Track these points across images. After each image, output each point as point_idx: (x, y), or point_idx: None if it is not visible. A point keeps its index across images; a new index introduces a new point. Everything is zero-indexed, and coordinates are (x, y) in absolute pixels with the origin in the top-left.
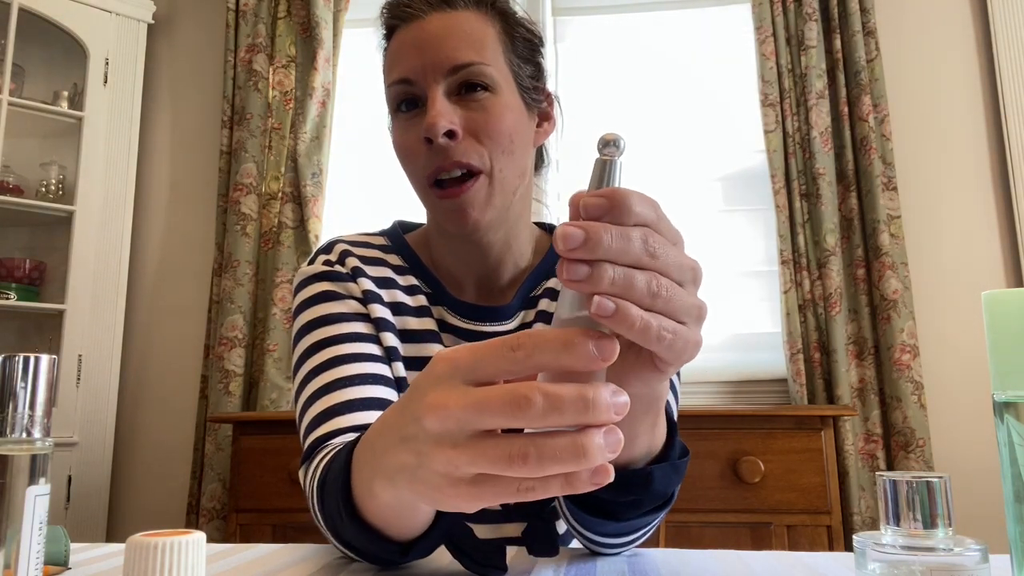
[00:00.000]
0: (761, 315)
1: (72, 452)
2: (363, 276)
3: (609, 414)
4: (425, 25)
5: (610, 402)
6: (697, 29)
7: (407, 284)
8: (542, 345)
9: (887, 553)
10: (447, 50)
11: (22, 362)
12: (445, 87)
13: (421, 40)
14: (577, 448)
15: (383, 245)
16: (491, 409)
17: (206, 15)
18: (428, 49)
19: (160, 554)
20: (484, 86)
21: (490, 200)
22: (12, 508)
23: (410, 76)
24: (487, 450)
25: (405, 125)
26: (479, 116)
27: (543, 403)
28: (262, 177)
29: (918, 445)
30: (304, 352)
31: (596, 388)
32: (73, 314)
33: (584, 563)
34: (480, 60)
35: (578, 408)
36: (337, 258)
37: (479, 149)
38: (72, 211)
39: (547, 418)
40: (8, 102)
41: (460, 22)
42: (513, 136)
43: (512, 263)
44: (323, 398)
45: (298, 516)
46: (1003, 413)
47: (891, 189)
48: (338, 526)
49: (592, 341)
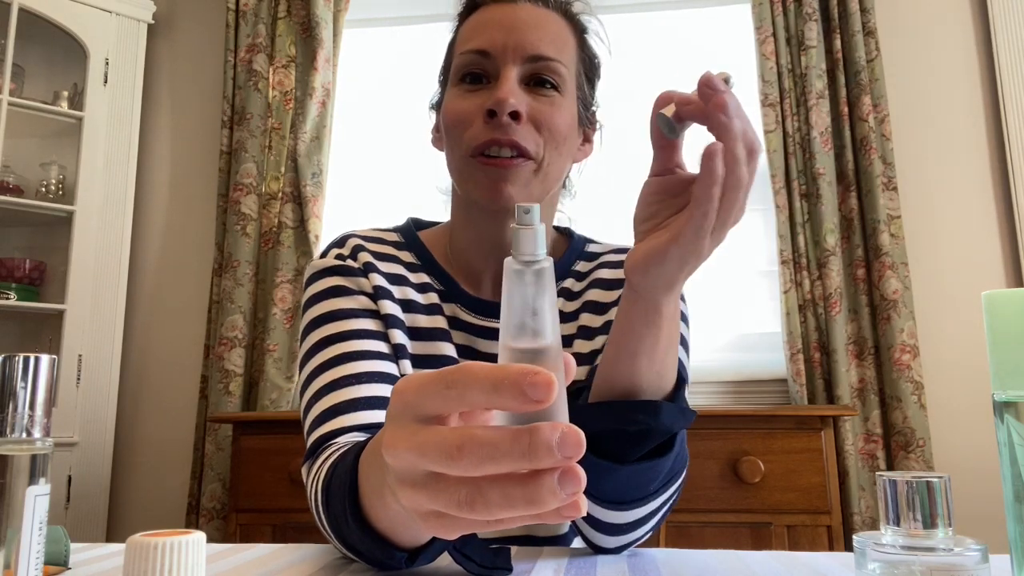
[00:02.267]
0: (761, 315)
1: (72, 452)
2: (375, 272)
3: (552, 457)
4: (516, 9)
5: (553, 444)
6: (697, 29)
7: (419, 282)
8: (472, 384)
9: (887, 553)
10: (533, 38)
11: (22, 362)
12: (520, 72)
13: (510, 21)
14: (527, 494)
15: (396, 242)
16: (428, 456)
17: (206, 15)
18: (515, 31)
19: (160, 554)
20: (554, 84)
21: (530, 184)
22: (12, 508)
23: (489, 49)
24: (439, 494)
25: (465, 94)
26: (544, 108)
27: (476, 453)
28: (262, 177)
29: (918, 445)
30: (312, 347)
31: (536, 431)
32: (73, 314)
33: (584, 562)
34: (559, 58)
35: (514, 455)
36: (349, 252)
37: (536, 137)
38: (72, 211)
39: (483, 467)
40: (8, 102)
41: (550, 20)
42: (567, 137)
43: None
44: (329, 395)
45: (298, 516)
46: (1003, 413)
47: (891, 189)
48: (343, 530)
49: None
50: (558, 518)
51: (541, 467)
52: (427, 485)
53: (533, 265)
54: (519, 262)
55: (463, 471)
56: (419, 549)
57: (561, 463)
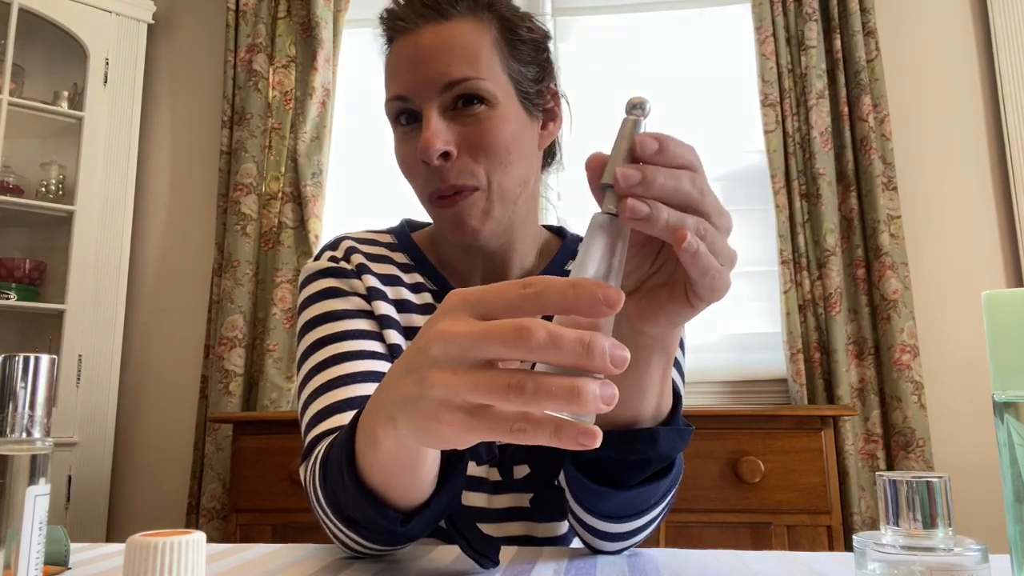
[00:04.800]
0: (761, 315)
1: (72, 452)
2: (368, 273)
3: (605, 360)
4: (419, 39)
5: (608, 350)
6: (697, 29)
7: (412, 282)
8: (552, 284)
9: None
10: (440, 66)
11: (22, 362)
12: (440, 104)
13: (415, 56)
14: (572, 389)
15: (390, 243)
16: (494, 336)
17: (206, 15)
18: (421, 65)
19: (160, 554)
20: (480, 99)
21: (489, 212)
22: (12, 508)
23: (405, 93)
24: (487, 378)
25: (404, 138)
26: (474, 131)
27: (544, 337)
28: (262, 177)
29: (918, 445)
30: (307, 348)
31: (596, 335)
32: (73, 314)
33: (584, 563)
34: (474, 75)
35: (576, 349)
36: (343, 255)
37: (474, 168)
38: (72, 211)
39: (545, 352)
40: (8, 102)
41: (454, 35)
42: (511, 148)
43: (518, 264)
44: (324, 395)
45: (298, 516)
46: (1003, 413)
47: (891, 189)
48: (340, 496)
49: (600, 289)
50: (574, 444)
51: (594, 366)
52: (472, 372)
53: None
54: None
55: (528, 353)
56: (414, 512)
57: (608, 371)
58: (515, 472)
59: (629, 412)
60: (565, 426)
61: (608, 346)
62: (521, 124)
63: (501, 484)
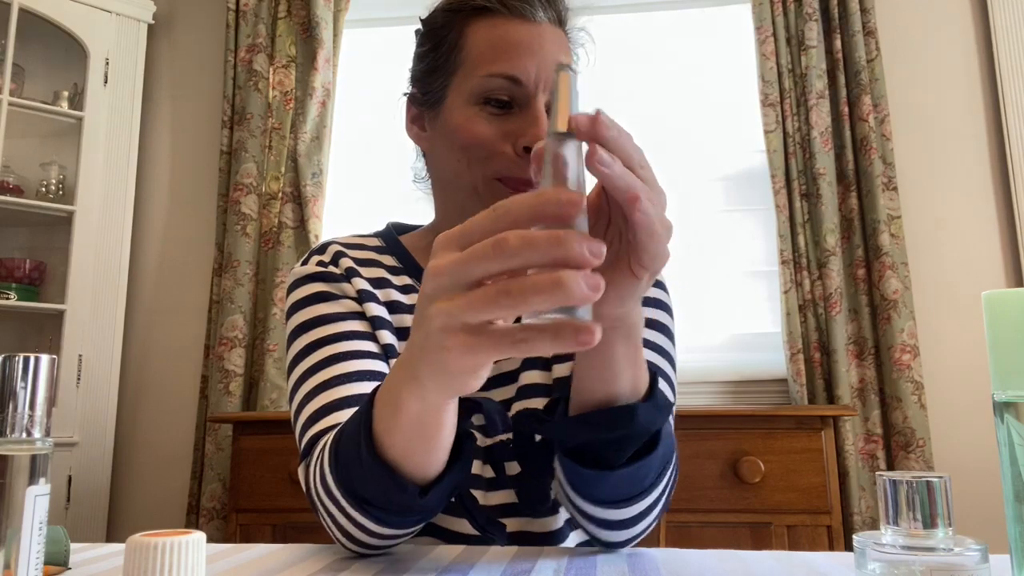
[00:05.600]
0: (761, 315)
1: (72, 452)
2: (357, 276)
3: (582, 250)
4: (542, 31)
5: (582, 241)
6: (697, 29)
7: (402, 284)
8: (516, 199)
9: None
10: None
11: (22, 362)
12: (543, 101)
13: (537, 45)
14: (556, 280)
15: (377, 247)
16: (476, 256)
17: (206, 15)
18: (544, 57)
19: (160, 554)
20: None
21: None
22: (12, 508)
23: (521, 78)
24: (477, 293)
25: (490, 119)
26: None
27: (519, 242)
28: (262, 177)
29: (918, 445)
30: (299, 352)
31: (568, 231)
32: (73, 314)
33: (584, 563)
34: None
35: (552, 244)
36: (331, 259)
37: None
38: (72, 211)
39: (522, 253)
40: (8, 102)
41: (564, 42)
42: None
43: None
44: (321, 395)
45: (298, 516)
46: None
47: (891, 189)
48: (354, 475)
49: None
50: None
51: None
52: (464, 294)
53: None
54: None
55: (505, 261)
56: (430, 485)
57: (586, 261)
58: (507, 469)
59: (603, 393)
60: (562, 327)
61: (580, 238)
62: None
63: (495, 481)
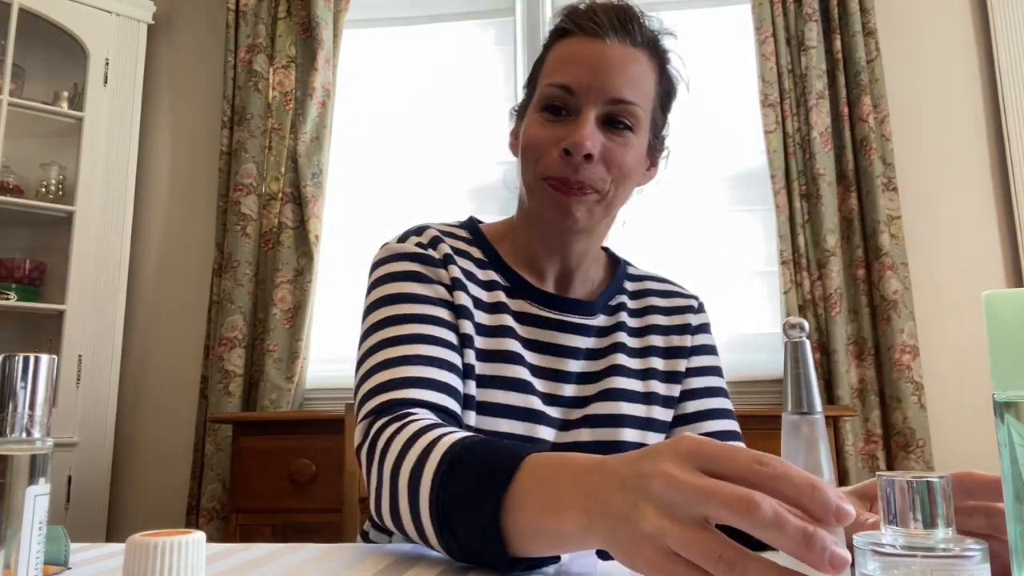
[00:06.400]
0: (761, 315)
1: (72, 452)
2: (453, 264)
3: (823, 558)
4: (606, 49)
5: (829, 547)
6: (697, 29)
7: (486, 279)
8: (790, 474)
9: (887, 553)
10: (616, 81)
11: (22, 362)
12: (598, 112)
13: (598, 61)
14: None
15: (466, 237)
16: (719, 499)
17: (206, 15)
18: (601, 72)
19: (160, 554)
20: (628, 126)
21: (593, 213)
22: (12, 508)
23: (574, 87)
24: (703, 540)
25: (544, 123)
26: (617, 149)
27: (771, 516)
28: (262, 177)
29: (918, 445)
30: (385, 320)
31: (819, 531)
32: (73, 314)
33: (584, 563)
34: (638, 102)
35: (798, 538)
36: (429, 242)
37: (604, 174)
38: (72, 211)
39: (768, 531)
40: (8, 102)
41: (634, 60)
42: (633, 173)
43: (584, 271)
44: (402, 367)
45: (298, 516)
46: (1003, 413)
47: (891, 189)
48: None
49: (838, 502)
50: None
51: (809, 561)
52: (687, 526)
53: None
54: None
55: (746, 525)
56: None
57: (825, 570)
58: None
59: None
60: None
61: (830, 543)
62: (642, 158)
63: None
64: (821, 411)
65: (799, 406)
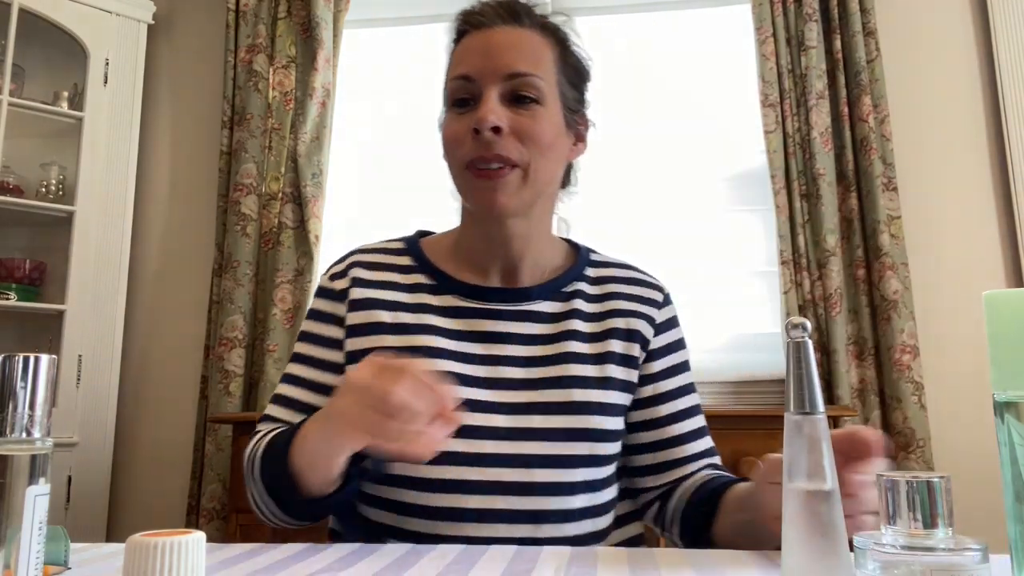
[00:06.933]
0: (762, 315)
1: (72, 452)
2: (360, 286)
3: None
4: (493, 34)
5: None
6: (697, 29)
7: (410, 283)
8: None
9: (887, 553)
10: (508, 58)
11: (22, 362)
12: (500, 90)
13: (487, 46)
14: None
15: (397, 249)
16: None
17: (206, 15)
18: (492, 54)
19: (160, 554)
20: (533, 99)
21: (520, 191)
22: (12, 508)
23: (471, 74)
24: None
25: (456, 118)
26: (526, 121)
27: (398, 400)
28: (262, 177)
29: (918, 445)
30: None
31: None
32: (73, 314)
33: (584, 562)
34: (534, 72)
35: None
36: (342, 270)
37: (519, 147)
38: (72, 211)
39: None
40: (8, 102)
41: (524, 38)
42: (552, 146)
43: (532, 259)
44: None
45: None
46: (1003, 413)
47: (891, 189)
48: (271, 472)
49: None
50: None
51: None
52: None
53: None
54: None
55: (386, 408)
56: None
57: None
58: None
59: None
60: None
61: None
62: (560, 130)
63: None
64: (823, 411)
65: (801, 406)
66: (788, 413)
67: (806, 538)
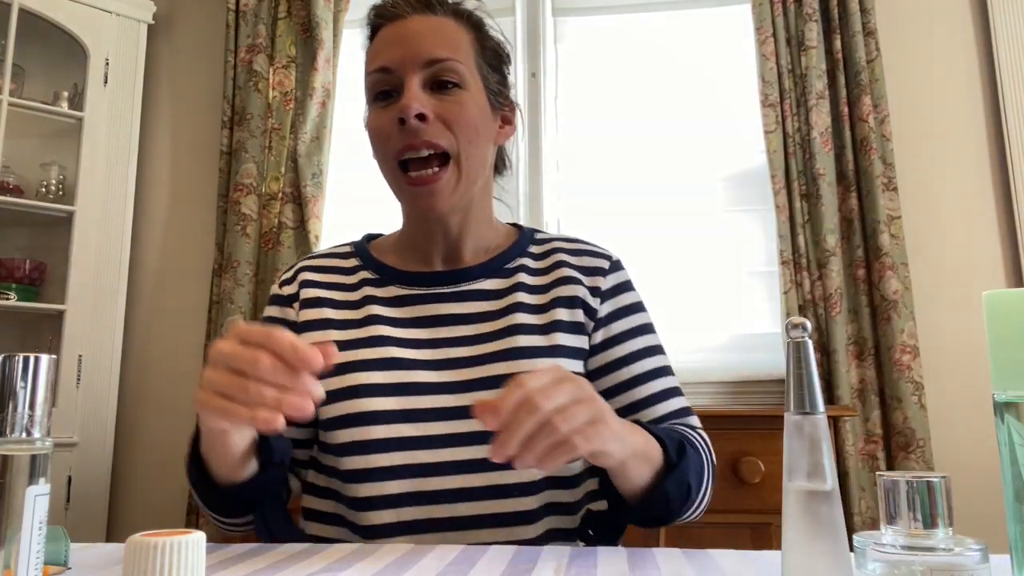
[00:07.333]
0: (761, 315)
1: (72, 452)
2: (309, 287)
3: None
4: (407, 24)
5: None
6: (697, 29)
7: (354, 281)
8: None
9: (887, 553)
10: (426, 45)
11: (22, 362)
12: (420, 78)
13: (402, 36)
14: None
15: (344, 252)
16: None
17: (206, 15)
18: (408, 43)
19: (160, 554)
20: (455, 83)
21: (456, 188)
22: (12, 508)
23: (389, 65)
24: None
25: (380, 111)
26: (450, 106)
27: None
28: (262, 177)
29: (918, 445)
30: None
31: None
32: (73, 314)
33: (584, 562)
34: (454, 57)
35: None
36: (291, 276)
37: (447, 134)
38: (72, 211)
39: None
40: (8, 102)
41: (439, 25)
42: (479, 128)
43: (474, 241)
44: None
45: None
46: (1003, 413)
47: (891, 189)
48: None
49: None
50: None
51: None
52: None
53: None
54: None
55: None
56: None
57: None
58: None
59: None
60: None
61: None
62: (486, 113)
63: None
64: (823, 411)
65: (801, 406)
66: (788, 413)
67: (806, 538)
